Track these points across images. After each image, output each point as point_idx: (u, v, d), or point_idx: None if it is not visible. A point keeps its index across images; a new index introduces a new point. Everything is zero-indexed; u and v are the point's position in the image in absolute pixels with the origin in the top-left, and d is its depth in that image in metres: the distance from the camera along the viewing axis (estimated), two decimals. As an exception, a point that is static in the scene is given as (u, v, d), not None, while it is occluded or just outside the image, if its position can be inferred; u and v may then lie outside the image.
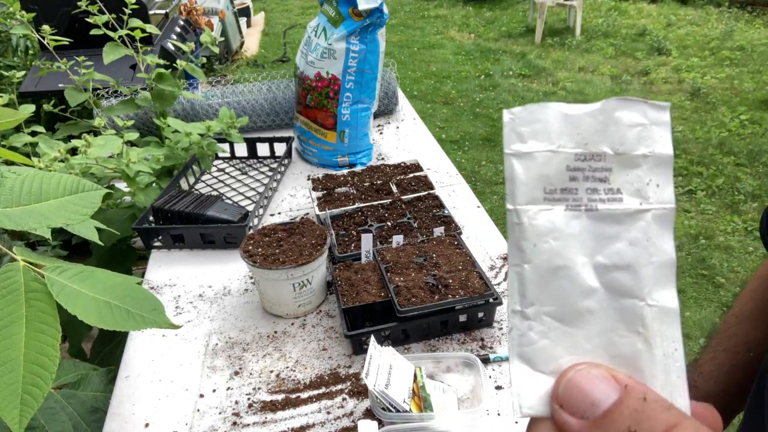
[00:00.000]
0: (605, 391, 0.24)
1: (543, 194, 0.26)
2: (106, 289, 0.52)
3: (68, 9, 1.93)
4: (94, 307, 0.50)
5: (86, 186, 0.60)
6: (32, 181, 0.56)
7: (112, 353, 1.26)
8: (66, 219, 0.56)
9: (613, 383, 0.24)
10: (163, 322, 0.56)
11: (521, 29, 6.19)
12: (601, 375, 0.24)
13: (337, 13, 1.30)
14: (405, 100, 1.82)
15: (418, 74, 5.09)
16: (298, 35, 5.99)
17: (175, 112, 1.56)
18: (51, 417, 0.88)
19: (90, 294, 0.51)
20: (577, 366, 0.25)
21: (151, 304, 0.55)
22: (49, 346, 0.47)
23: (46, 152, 1.08)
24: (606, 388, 0.24)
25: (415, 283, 0.89)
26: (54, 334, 0.48)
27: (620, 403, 0.23)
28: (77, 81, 1.28)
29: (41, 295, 0.49)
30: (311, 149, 1.46)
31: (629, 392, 0.24)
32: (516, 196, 0.26)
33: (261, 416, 0.79)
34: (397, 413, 0.72)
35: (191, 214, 1.13)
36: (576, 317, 0.25)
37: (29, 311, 0.48)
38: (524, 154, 0.26)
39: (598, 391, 0.24)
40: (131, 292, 0.54)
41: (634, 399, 0.23)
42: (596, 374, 0.24)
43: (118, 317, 0.52)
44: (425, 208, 1.16)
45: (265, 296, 0.97)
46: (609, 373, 0.24)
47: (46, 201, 0.56)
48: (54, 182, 0.58)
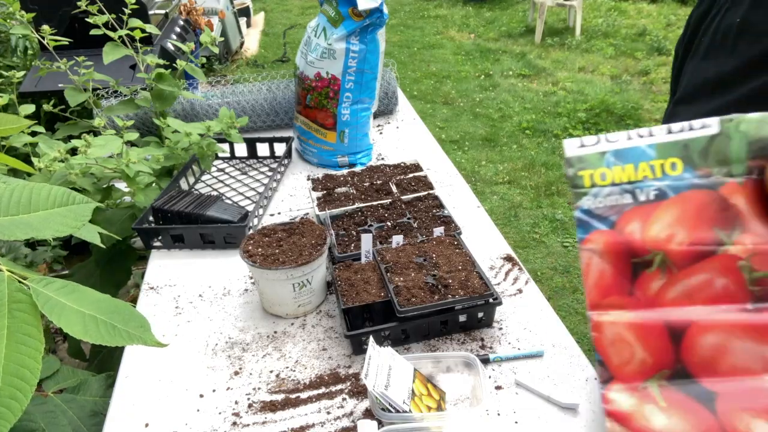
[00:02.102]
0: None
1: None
2: (93, 304, 0.51)
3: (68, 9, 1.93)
4: (80, 319, 0.49)
5: (76, 199, 0.60)
6: (21, 192, 0.56)
7: (111, 353, 1.26)
8: (54, 231, 0.55)
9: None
10: (150, 340, 0.55)
11: (521, 29, 6.19)
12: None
13: (337, 13, 1.30)
14: (405, 100, 1.82)
15: (418, 74, 5.09)
16: (298, 35, 5.99)
17: (175, 112, 1.56)
18: (51, 421, 0.88)
19: (75, 307, 0.50)
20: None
21: (138, 321, 0.54)
22: (31, 358, 0.46)
23: (46, 152, 1.08)
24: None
25: (414, 283, 0.89)
26: (36, 345, 0.47)
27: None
28: (77, 81, 1.28)
29: (25, 306, 0.48)
30: (311, 149, 1.46)
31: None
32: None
33: (261, 416, 0.79)
34: (396, 413, 0.72)
35: (191, 214, 1.13)
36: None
37: (11, 322, 0.46)
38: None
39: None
40: (118, 308, 0.53)
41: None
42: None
43: (104, 331, 0.51)
44: (425, 208, 1.16)
45: (265, 296, 0.97)
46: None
47: (35, 212, 0.55)
48: (44, 193, 0.57)
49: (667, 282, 0.22)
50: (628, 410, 0.22)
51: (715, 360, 0.21)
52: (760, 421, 0.21)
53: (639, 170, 0.23)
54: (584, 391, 0.80)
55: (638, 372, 0.22)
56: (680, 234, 0.22)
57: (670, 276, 0.22)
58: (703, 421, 0.21)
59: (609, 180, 0.23)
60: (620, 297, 0.23)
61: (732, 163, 0.23)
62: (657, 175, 0.22)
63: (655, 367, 0.22)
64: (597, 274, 0.23)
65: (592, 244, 0.23)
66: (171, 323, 0.97)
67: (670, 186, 0.22)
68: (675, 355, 0.22)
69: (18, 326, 0.46)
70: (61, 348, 1.90)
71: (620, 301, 0.23)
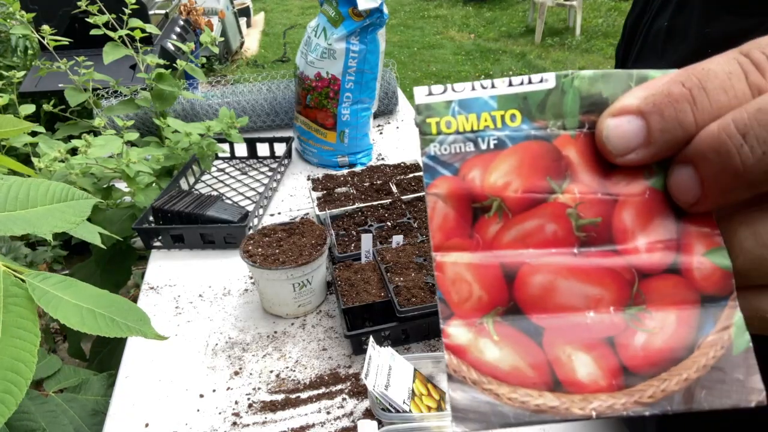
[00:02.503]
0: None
1: None
2: (90, 298, 0.51)
3: (68, 9, 1.93)
4: (77, 311, 0.49)
5: (76, 194, 0.59)
6: (19, 187, 0.55)
7: (111, 353, 1.26)
8: (53, 227, 0.54)
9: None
10: (149, 332, 0.54)
11: (521, 29, 6.19)
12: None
13: (337, 14, 1.30)
14: (405, 100, 1.83)
15: (418, 74, 5.09)
16: (298, 35, 5.99)
17: (175, 112, 1.56)
18: (52, 420, 0.88)
19: (73, 301, 0.49)
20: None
21: (137, 314, 0.53)
22: (26, 352, 0.45)
23: (46, 152, 1.08)
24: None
25: (415, 283, 0.90)
26: (32, 339, 0.46)
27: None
28: (77, 81, 1.28)
29: (21, 300, 0.47)
30: (311, 149, 1.46)
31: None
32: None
33: (261, 416, 0.79)
34: (396, 414, 0.72)
35: (191, 214, 1.13)
36: None
37: (7, 316, 0.46)
38: None
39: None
40: (116, 301, 0.53)
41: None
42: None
43: (102, 323, 0.50)
44: (425, 208, 1.16)
45: (265, 296, 0.97)
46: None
47: (33, 208, 0.55)
48: (42, 189, 0.56)
49: (503, 226, 0.24)
50: (464, 344, 0.24)
51: (544, 298, 0.24)
52: (580, 353, 0.23)
53: (481, 120, 0.25)
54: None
55: (475, 309, 0.24)
56: (516, 182, 0.24)
57: (506, 221, 0.24)
58: (531, 352, 0.23)
59: (453, 128, 0.25)
60: (461, 239, 0.25)
61: (566, 117, 0.24)
62: (498, 125, 0.25)
63: (491, 305, 0.24)
64: (441, 218, 0.25)
65: (437, 188, 0.25)
66: (171, 323, 0.97)
67: (508, 136, 0.25)
68: (509, 293, 0.24)
69: (13, 320, 0.46)
70: (62, 348, 1.90)
71: (461, 243, 0.25)
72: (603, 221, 0.24)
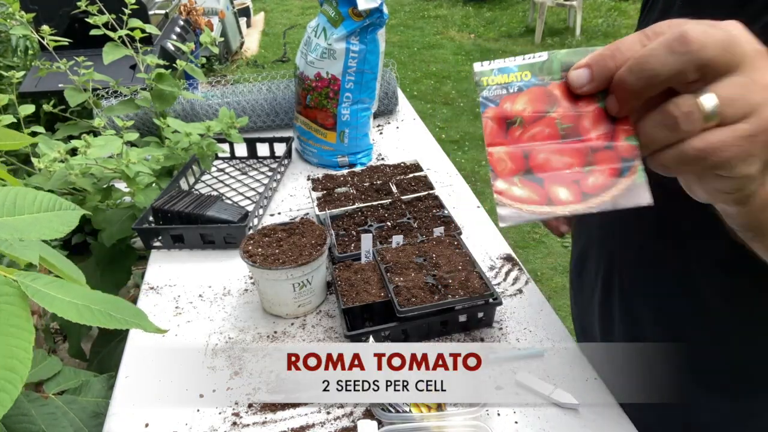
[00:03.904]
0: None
1: None
2: (84, 297, 0.51)
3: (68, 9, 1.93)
4: (73, 307, 0.49)
5: (63, 205, 0.59)
6: (6, 195, 0.55)
7: (111, 354, 1.26)
8: (40, 234, 0.54)
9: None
10: (148, 326, 0.54)
11: (521, 29, 6.20)
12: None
13: (337, 14, 1.30)
14: (405, 100, 1.83)
15: (418, 74, 5.09)
16: (298, 35, 5.99)
17: (175, 112, 1.56)
18: (52, 422, 0.88)
19: (67, 299, 0.49)
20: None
21: (132, 310, 0.54)
22: (21, 349, 0.45)
23: (46, 153, 1.08)
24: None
25: (415, 283, 0.90)
26: (26, 336, 0.46)
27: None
28: (77, 81, 1.28)
29: (13, 298, 0.47)
30: (311, 149, 1.46)
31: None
32: None
33: (261, 416, 0.79)
34: (396, 413, 0.72)
35: (191, 215, 1.13)
36: None
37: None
38: None
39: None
40: (109, 300, 0.52)
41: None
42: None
43: (100, 316, 0.50)
44: (425, 208, 1.16)
45: (265, 296, 0.97)
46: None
47: (20, 215, 0.55)
48: (30, 198, 0.57)
49: (522, 131, 0.43)
50: (504, 189, 0.42)
51: (543, 165, 0.42)
52: (562, 187, 0.42)
53: (510, 77, 0.44)
54: (584, 391, 0.80)
55: (509, 172, 0.43)
56: (528, 108, 0.43)
57: (524, 128, 0.43)
58: (537, 190, 0.42)
59: (495, 82, 0.44)
60: (501, 139, 0.43)
61: (554, 73, 0.43)
62: (518, 79, 0.43)
63: (516, 170, 0.43)
64: (490, 129, 0.43)
65: (488, 114, 0.44)
66: (171, 323, 0.97)
67: (525, 84, 0.43)
68: (526, 164, 0.42)
69: (6, 318, 0.46)
70: (62, 348, 1.90)
71: (501, 141, 0.43)
72: (573, 125, 0.42)
